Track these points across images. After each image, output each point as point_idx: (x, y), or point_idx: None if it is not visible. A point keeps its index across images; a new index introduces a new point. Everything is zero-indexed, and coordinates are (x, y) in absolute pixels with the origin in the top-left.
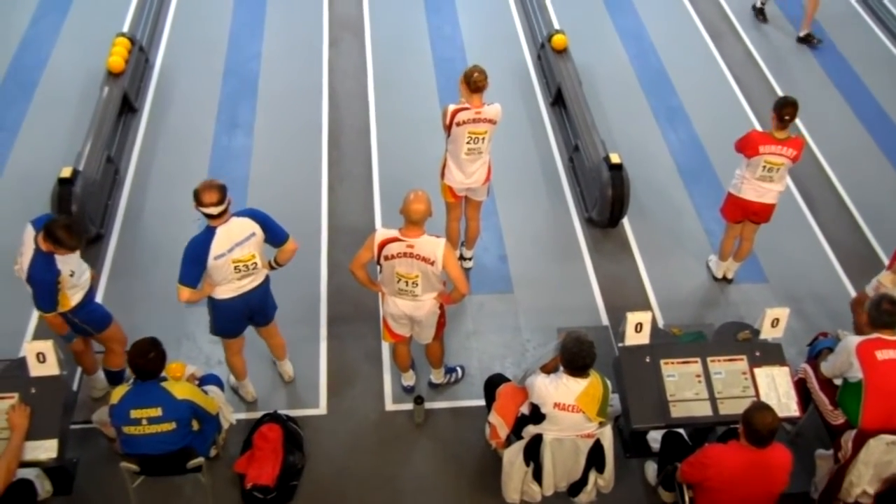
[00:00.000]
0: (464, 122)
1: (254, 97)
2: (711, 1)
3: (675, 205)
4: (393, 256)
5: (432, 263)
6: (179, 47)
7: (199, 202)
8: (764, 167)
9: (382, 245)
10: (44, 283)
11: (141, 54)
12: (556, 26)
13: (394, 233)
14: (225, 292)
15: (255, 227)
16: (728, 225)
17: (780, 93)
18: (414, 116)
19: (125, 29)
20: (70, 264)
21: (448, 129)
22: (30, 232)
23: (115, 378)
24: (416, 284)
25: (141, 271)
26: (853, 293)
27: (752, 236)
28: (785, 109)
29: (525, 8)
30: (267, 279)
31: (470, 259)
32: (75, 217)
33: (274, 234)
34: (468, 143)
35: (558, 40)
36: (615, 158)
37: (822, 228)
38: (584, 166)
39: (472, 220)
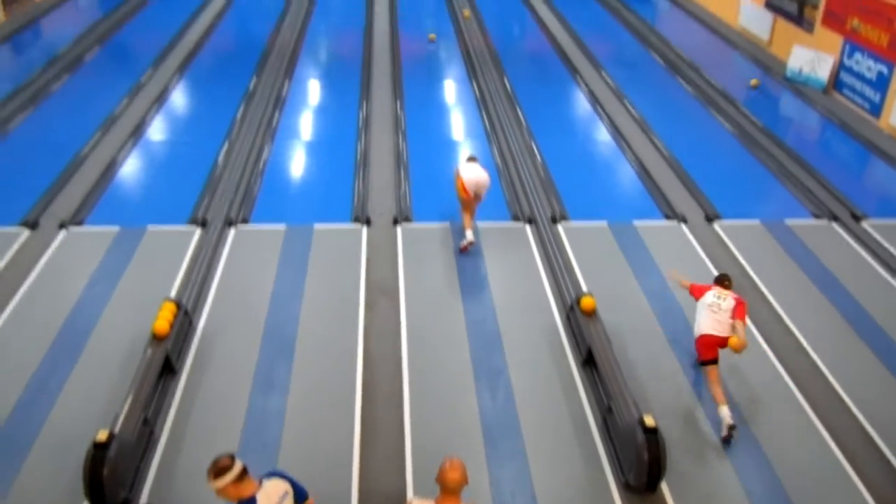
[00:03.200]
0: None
1: (290, 358)
2: (735, 265)
3: (715, 468)
4: None
5: None
6: (222, 310)
7: (216, 477)
8: (716, 295)
9: None
10: None
11: (185, 317)
12: (584, 289)
13: (430, 503)
14: None
15: (287, 487)
16: (708, 370)
17: (808, 350)
18: (447, 379)
19: (173, 293)
20: None
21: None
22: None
23: None
24: None
25: None
26: None
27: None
28: (723, 280)
29: (553, 271)
30: None
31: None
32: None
33: (300, 494)
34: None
35: (587, 302)
36: (649, 421)
37: (870, 491)
38: (619, 428)
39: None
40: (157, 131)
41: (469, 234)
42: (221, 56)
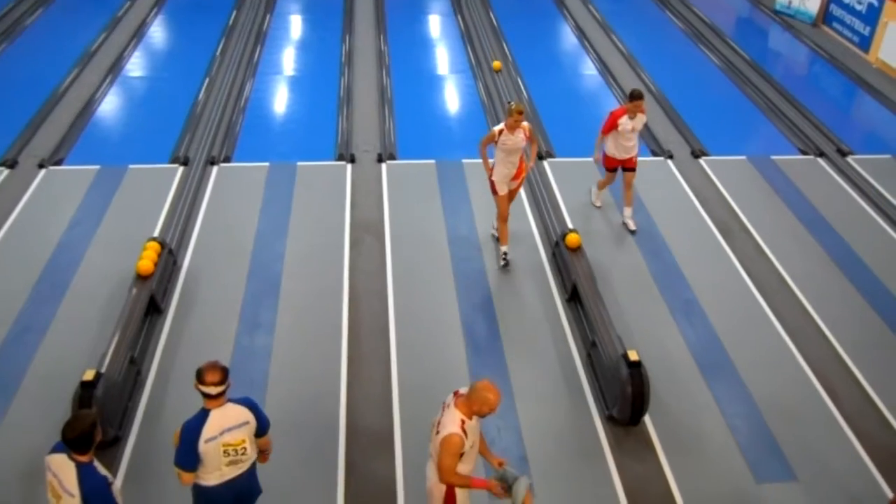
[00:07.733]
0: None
1: (276, 297)
2: (721, 201)
3: (697, 401)
4: None
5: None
6: (207, 250)
7: (200, 380)
8: (628, 118)
9: None
10: (104, 489)
11: (170, 257)
12: (570, 225)
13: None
14: (212, 479)
15: (249, 416)
16: (607, 175)
17: (792, 285)
18: (433, 315)
19: (156, 232)
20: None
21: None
22: (58, 459)
23: None
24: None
25: (158, 474)
26: (888, 492)
27: (631, 182)
28: (634, 98)
29: (539, 208)
30: (253, 463)
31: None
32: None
33: (261, 427)
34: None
35: (572, 239)
36: (633, 355)
37: (848, 422)
38: (603, 363)
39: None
40: (135, 67)
41: None
42: None
